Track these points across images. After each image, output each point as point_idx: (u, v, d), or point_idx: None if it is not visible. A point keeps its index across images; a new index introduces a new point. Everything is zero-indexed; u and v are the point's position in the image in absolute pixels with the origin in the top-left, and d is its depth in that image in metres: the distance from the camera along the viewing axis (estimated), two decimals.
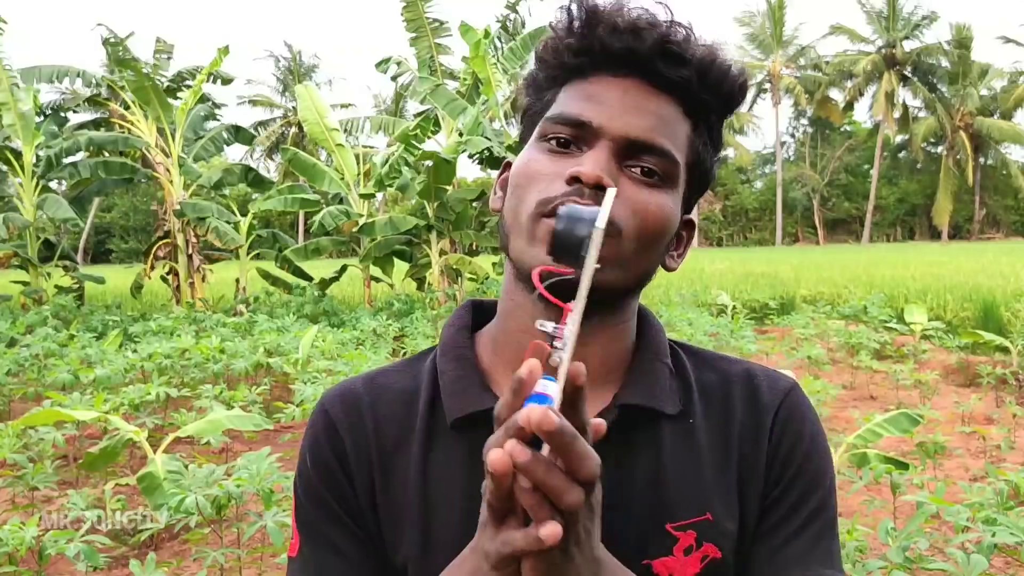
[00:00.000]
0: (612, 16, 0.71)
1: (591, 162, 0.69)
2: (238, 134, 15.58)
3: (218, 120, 15.89)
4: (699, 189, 0.78)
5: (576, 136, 0.72)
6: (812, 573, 0.74)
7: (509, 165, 0.80)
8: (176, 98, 15.50)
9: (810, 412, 0.80)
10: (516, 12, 13.38)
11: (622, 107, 0.71)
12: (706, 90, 0.73)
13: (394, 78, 14.56)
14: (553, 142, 0.73)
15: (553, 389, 0.53)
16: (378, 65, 14.41)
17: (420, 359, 0.84)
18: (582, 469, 0.51)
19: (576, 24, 0.73)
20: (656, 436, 0.75)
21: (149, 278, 14.73)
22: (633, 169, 0.71)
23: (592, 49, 0.72)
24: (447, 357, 0.80)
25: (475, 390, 0.76)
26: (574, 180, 0.69)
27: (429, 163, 11.87)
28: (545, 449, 0.52)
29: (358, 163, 14.48)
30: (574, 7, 0.73)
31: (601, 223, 0.56)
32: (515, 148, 0.82)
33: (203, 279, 14.30)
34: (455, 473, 0.75)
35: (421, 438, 0.77)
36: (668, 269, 0.79)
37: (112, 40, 13.99)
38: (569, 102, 0.73)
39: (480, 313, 0.85)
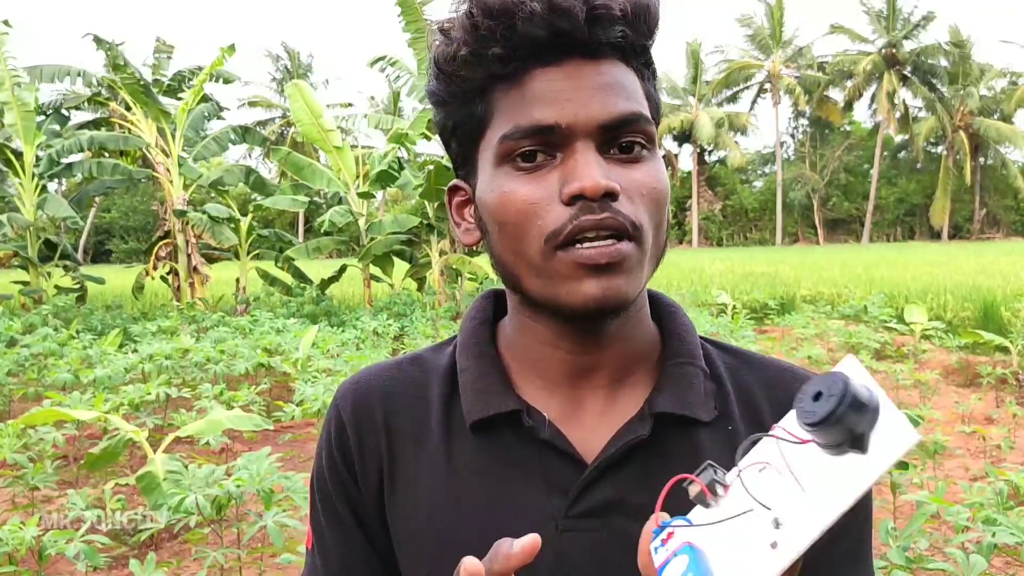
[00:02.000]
0: (527, 4, 0.63)
1: (585, 170, 0.63)
2: (246, 134, 15.54)
3: (222, 119, 15.88)
4: (658, 125, 0.73)
5: (544, 145, 0.65)
6: None
7: (457, 188, 0.75)
8: (177, 98, 15.51)
9: None
10: None
11: (580, 96, 0.64)
12: (639, 34, 0.68)
13: (388, 76, 14.56)
14: (519, 159, 0.66)
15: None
16: (371, 63, 14.42)
17: (440, 349, 0.81)
18: None
19: (488, 26, 0.64)
20: (693, 445, 0.70)
21: (152, 278, 14.73)
22: (612, 151, 0.66)
23: (519, 48, 0.65)
24: (467, 353, 0.76)
25: (498, 389, 0.72)
26: (575, 199, 0.63)
27: (431, 168, 11.89)
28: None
29: (357, 163, 14.49)
30: (477, 10, 0.65)
31: (911, 440, 0.45)
32: (454, 169, 0.77)
33: (202, 282, 14.29)
34: (471, 477, 0.72)
35: (436, 437, 0.74)
36: None
37: (106, 46, 13.99)
38: (518, 112, 0.65)
39: (501, 302, 0.80)
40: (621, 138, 0.66)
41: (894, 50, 47.73)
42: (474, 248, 0.72)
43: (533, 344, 0.73)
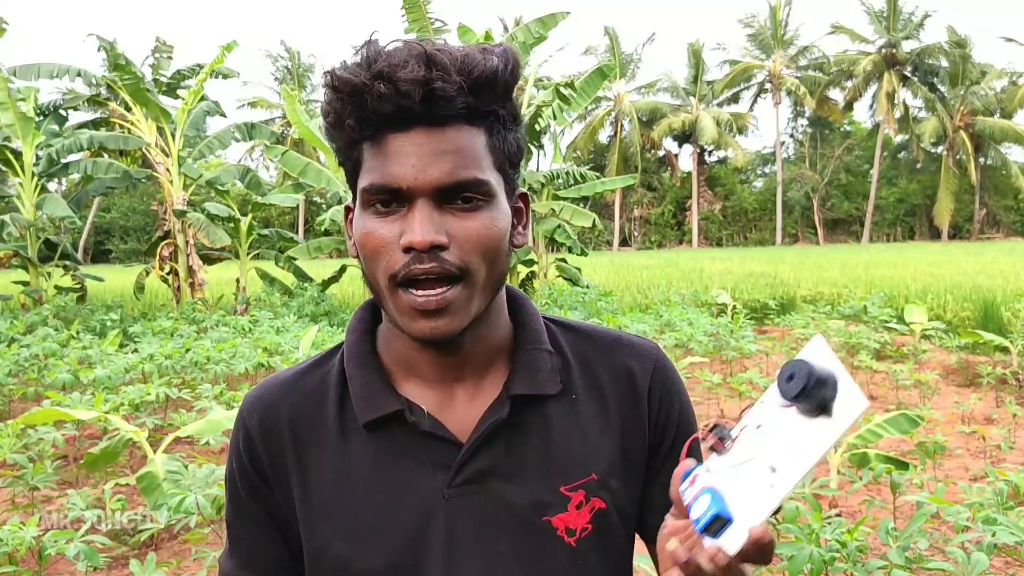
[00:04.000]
0: (374, 86, 0.75)
1: (418, 227, 0.76)
2: (252, 130, 15.45)
3: (224, 116, 15.84)
4: (516, 167, 0.85)
5: (394, 198, 0.78)
6: None
7: (349, 209, 0.87)
8: (176, 97, 15.49)
9: (674, 372, 0.94)
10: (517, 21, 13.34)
11: (421, 162, 0.76)
12: (484, 102, 0.78)
13: None
14: (378, 205, 0.79)
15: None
16: None
17: (328, 358, 0.92)
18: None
19: (345, 101, 0.77)
20: (544, 415, 0.87)
21: (160, 274, 14.69)
22: (454, 203, 0.78)
23: (371, 120, 0.77)
24: (353, 363, 0.88)
25: (383, 394, 0.85)
26: (409, 249, 0.76)
27: None
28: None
29: None
30: (334, 87, 0.77)
31: (862, 405, 0.62)
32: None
33: (198, 284, 14.28)
34: (368, 468, 0.85)
35: (335, 437, 0.86)
36: (517, 247, 0.86)
37: (107, 46, 13.98)
38: (373, 169, 0.78)
39: (378, 310, 0.92)
40: (459, 194, 0.78)
41: (894, 50, 47.73)
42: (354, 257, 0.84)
43: (405, 349, 0.87)
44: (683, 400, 0.94)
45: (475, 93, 0.77)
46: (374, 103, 0.76)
